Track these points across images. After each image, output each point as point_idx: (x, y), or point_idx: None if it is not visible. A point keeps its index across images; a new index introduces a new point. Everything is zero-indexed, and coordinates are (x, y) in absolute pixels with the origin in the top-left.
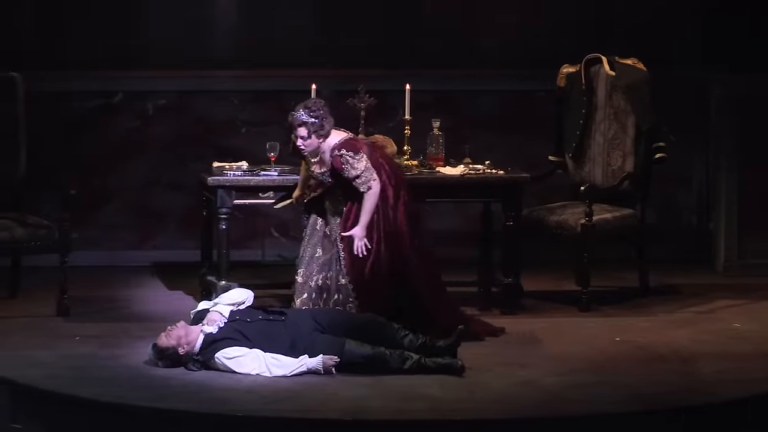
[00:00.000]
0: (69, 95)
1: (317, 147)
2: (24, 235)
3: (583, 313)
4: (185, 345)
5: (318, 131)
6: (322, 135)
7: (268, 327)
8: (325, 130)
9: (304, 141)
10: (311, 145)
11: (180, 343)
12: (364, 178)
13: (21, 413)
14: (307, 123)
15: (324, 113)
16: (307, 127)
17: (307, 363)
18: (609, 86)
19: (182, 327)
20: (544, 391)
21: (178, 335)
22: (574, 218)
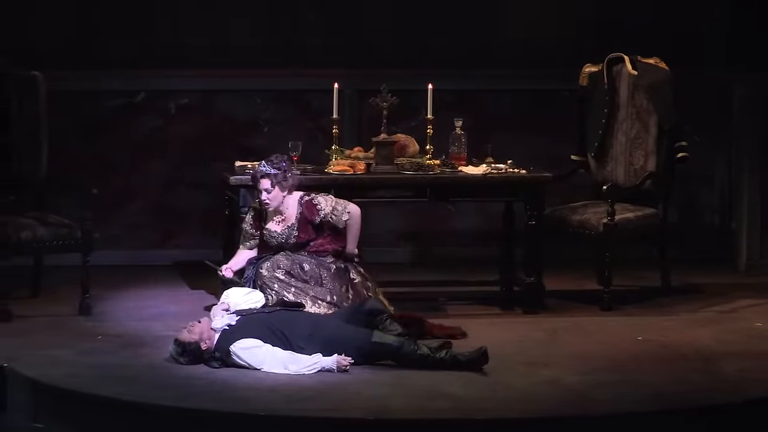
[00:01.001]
0: (91, 94)
1: (281, 201)
2: (46, 234)
3: (605, 312)
4: (207, 340)
5: (281, 182)
6: (285, 187)
7: (288, 314)
8: (288, 182)
9: (268, 194)
10: (275, 198)
11: (202, 338)
12: (340, 207)
13: (43, 413)
14: (269, 174)
15: (287, 166)
16: (270, 178)
17: (322, 362)
18: (631, 85)
19: (205, 323)
20: (566, 390)
21: (200, 330)
22: (596, 217)
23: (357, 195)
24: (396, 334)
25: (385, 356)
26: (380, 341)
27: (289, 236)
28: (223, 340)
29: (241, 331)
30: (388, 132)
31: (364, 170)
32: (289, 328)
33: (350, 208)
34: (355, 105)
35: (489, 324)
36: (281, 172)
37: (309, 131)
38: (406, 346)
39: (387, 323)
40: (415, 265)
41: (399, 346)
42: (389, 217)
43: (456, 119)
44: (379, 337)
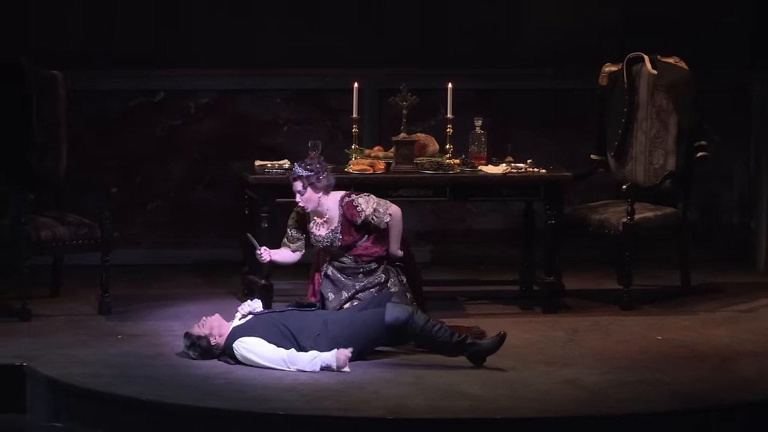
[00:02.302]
0: (111, 93)
1: (317, 203)
2: (66, 233)
3: (624, 311)
4: (217, 336)
5: (314, 183)
6: (319, 188)
7: (299, 314)
8: (322, 183)
9: (301, 196)
10: (310, 200)
11: (212, 333)
12: (382, 209)
13: (63, 412)
14: (301, 176)
15: (322, 167)
16: (302, 180)
17: (320, 357)
18: (651, 85)
19: (216, 318)
20: (585, 389)
21: (211, 325)
22: (616, 217)
23: (376, 194)
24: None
25: (401, 332)
26: (392, 320)
27: (334, 239)
28: (231, 336)
29: (248, 330)
30: (408, 131)
31: (383, 170)
32: (299, 327)
33: (392, 209)
34: (375, 104)
35: (508, 323)
36: (314, 174)
37: (329, 130)
38: (419, 316)
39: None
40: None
41: (410, 315)
42: (409, 217)
43: (476, 118)
44: (390, 313)
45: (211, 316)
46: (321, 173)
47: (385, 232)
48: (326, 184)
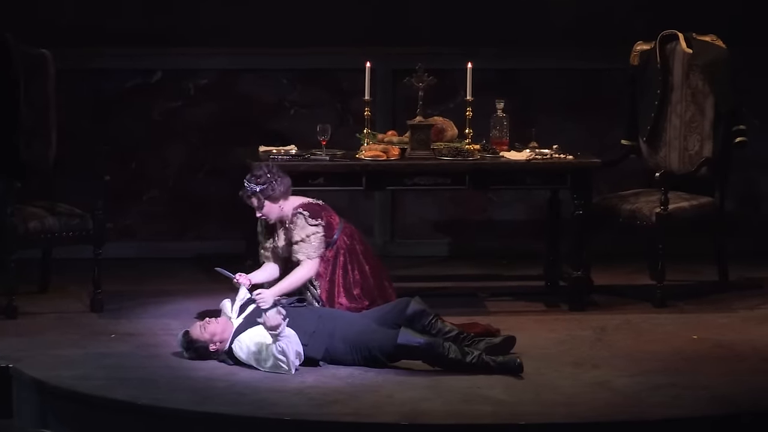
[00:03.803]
0: (104, 73)
1: (280, 212)
2: (55, 224)
3: (657, 309)
4: (218, 342)
5: (270, 195)
6: (276, 198)
7: (292, 310)
8: (278, 191)
9: (260, 211)
10: (271, 212)
11: (213, 339)
12: (308, 246)
13: (51, 417)
14: (255, 192)
15: (272, 176)
16: (257, 195)
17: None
18: (686, 65)
19: (221, 323)
20: (616, 393)
21: (213, 331)
22: (648, 207)
23: (390, 182)
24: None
25: (413, 357)
26: (406, 343)
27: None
28: (233, 337)
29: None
30: (424, 114)
31: (398, 156)
32: (294, 324)
33: (313, 261)
34: (388, 85)
35: (532, 322)
36: (267, 186)
37: (339, 114)
38: (436, 347)
39: (437, 323)
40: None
41: (427, 348)
42: (425, 207)
43: (497, 101)
44: (405, 339)
45: (217, 319)
46: (274, 182)
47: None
48: (283, 191)
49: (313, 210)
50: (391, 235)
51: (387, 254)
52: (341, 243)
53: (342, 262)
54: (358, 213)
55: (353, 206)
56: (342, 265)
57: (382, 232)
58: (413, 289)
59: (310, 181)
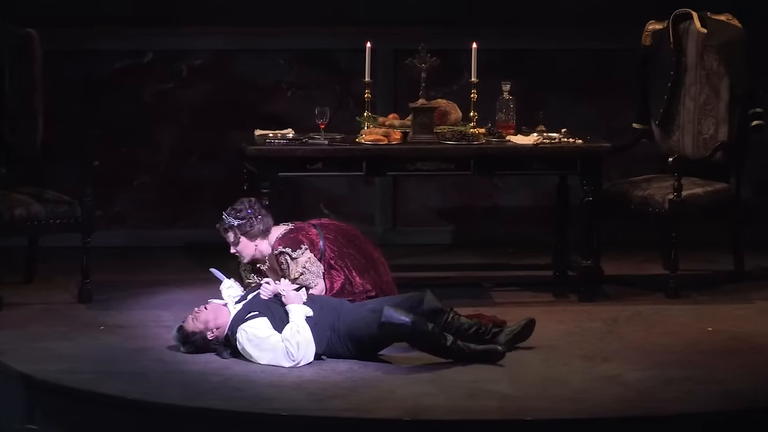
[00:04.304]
0: (93, 54)
1: (254, 251)
2: (42, 211)
3: (671, 300)
4: (214, 329)
5: (247, 232)
6: (254, 236)
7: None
8: (256, 229)
9: (235, 248)
10: (246, 250)
11: (208, 327)
12: (309, 275)
13: (38, 413)
14: (233, 227)
15: (253, 212)
16: (233, 230)
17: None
18: (700, 45)
19: (211, 309)
20: (627, 387)
21: (205, 319)
22: (660, 193)
23: (392, 168)
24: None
25: (398, 337)
26: (389, 320)
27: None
28: (233, 325)
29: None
30: (427, 97)
31: (399, 140)
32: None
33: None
34: (390, 66)
35: (540, 313)
36: (246, 221)
37: (338, 96)
38: (421, 325)
39: (455, 321)
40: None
41: (412, 327)
42: (428, 193)
43: (503, 83)
44: (389, 315)
45: (205, 307)
46: (254, 219)
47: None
48: (262, 229)
49: (292, 241)
50: (393, 222)
51: (388, 242)
52: (329, 254)
53: (336, 275)
54: (358, 200)
55: (353, 192)
56: (337, 277)
57: (383, 219)
58: (415, 279)
59: (308, 166)
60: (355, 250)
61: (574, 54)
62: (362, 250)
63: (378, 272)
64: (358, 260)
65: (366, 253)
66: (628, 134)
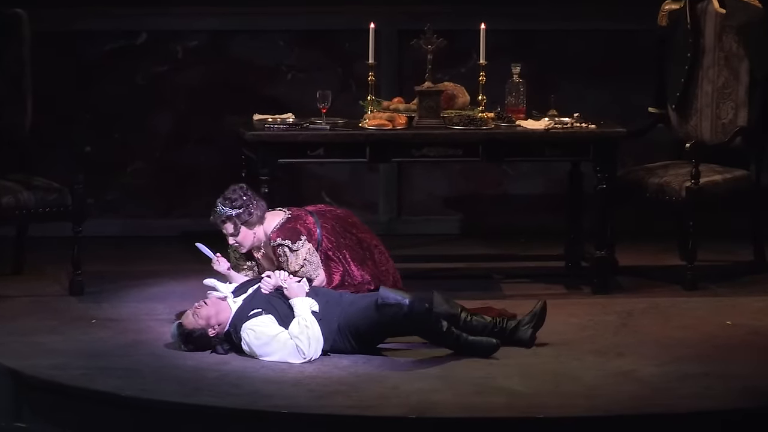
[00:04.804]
0: (84, 35)
1: (254, 239)
2: (30, 199)
3: (688, 292)
4: (216, 326)
5: (247, 221)
6: (252, 224)
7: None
8: (255, 216)
9: (235, 238)
10: (246, 240)
11: (210, 323)
12: (309, 267)
13: (27, 410)
14: (231, 217)
15: (248, 198)
16: (232, 221)
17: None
18: (718, 26)
19: (212, 304)
20: (642, 383)
21: (207, 314)
22: (677, 180)
23: (396, 154)
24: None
25: (396, 322)
26: (385, 301)
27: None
28: (237, 321)
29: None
30: (434, 80)
31: (404, 125)
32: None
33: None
34: (394, 48)
35: (552, 306)
36: (243, 210)
37: (340, 79)
38: (420, 305)
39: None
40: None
41: (409, 307)
42: (434, 180)
43: (513, 65)
44: (385, 297)
45: (206, 302)
46: (251, 206)
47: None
48: (260, 215)
49: (291, 233)
50: (397, 211)
51: (392, 232)
52: (326, 245)
53: (335, 267)
54: (362, 187)
55: (356, 180)
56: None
57: (388, 208)
58: (421, 270)
59: (309, 152)
60: (353, 239)
61: (587, 35)
62: (360, 240)
63: (375, 261)
64: (356, 251)
65: (364, 242)
66: (643, 119)
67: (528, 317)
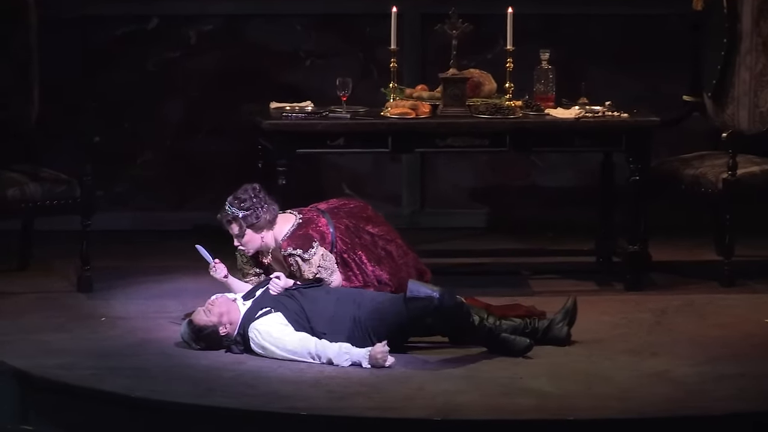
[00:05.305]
0: (93, 20)
1: (260, 243)
2: (37, 191)
3: (725, 288)
4: (227, 324)
5: (254, 224)
6: (260, 227)
7: (306, 291)
8: (263, 220)
9: (239, 240)
10: (251, 243)
11: (222, 321)
12: (324, 271)
13: (33, 412)
14: (237, 218)
15: (259, 201)
16: (238, 222)
17: (350, 353)
18: (756, 10)
19: (224, 302)
20: (677, 384)
21: (219, 312)
22: (714, 172)
23: (420, 144)
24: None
25: (425, 317)
26: (414, 295)
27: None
28: (245, 322)
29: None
30: (459, 66)
31: (428, 113)
32: (310, 308)
33: (337, 278)
34: (417, 33)
35: (583, 303)
36: (251, 212)
37: (361, 65)
38: (448, 298)
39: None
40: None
41: (440, 299)
42: (459, 172)
43: (542, 51)
44: (414, 290)
45: (218, 298)
46: (260, 209)
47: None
48: (269, 219)
49: (302, 240)
50: (421, 203)
51: (415, 226)
52: (340, 246)
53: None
54: (384, 179)
55: (377, 171)
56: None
57: (410, 200)
58: (445, 265)
59: (329, 142)
60: (368, 237)
61: (619, 19)
62: (375, 236)
63: (393, 257)
64: (371, 251)
65: (380, 237)
66: (678, 107)
67: (560, 315)
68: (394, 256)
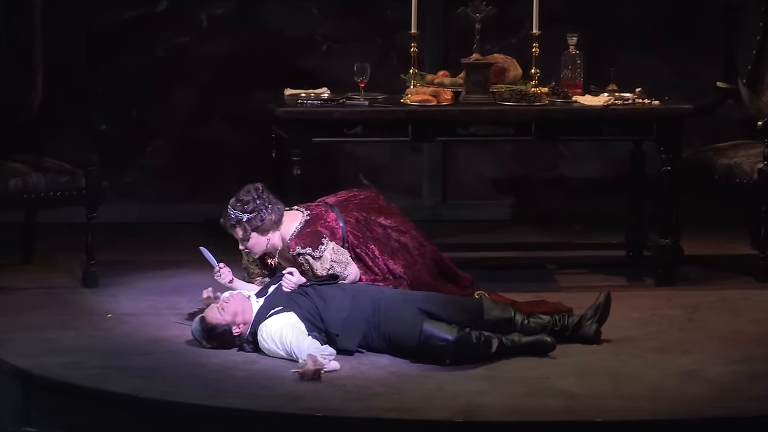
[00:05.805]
0: (99, 2)
1: (267, 245)
2: (41, 182)
3: (760, 284)
4: (241, 324)
5: (259, 227)
6: (265, 230)
7: (322, 289)
8: (267, 222)
9: (245, 244)
10: (257, 246)
11: (236, 320)
12: (338, 266)
13: (36, 413)
14: (241, 221)
15: (262, 202)
16: (242, 225)
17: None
18: None
19: (239, 301)
20: (710, 384)
21: (233, 310)
22: (749, 162)
23: (441, 132)
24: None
25: (439, 354)
26: (429, 339)
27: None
28: (256, 321)
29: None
30: (482, 51)
31: (450, 100)
32: (324, 307)
33: (347, 274)
34: (439, 16)
35: (612, 299)
36: (255, 214)
37: (380, 50)
38: (462, 342)
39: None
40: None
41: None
42: (483, 162)
43: (569, 35)
44: (429, 334)
45: (233, 296)
46: (264, 210)
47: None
48: (274, 220)
49: (311, 238)
50: (442, 195)
51: (437, 218)
52: (351, 241)
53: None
54: (403, 169)
55: (397, 161)
56: (367, 267)
57: (432, 191)
58: (468, 259)
59: (346, 130)
60: (380, 229)
61: (650, 2)
62: (387, 228)
63: (408, 248)
64: (384, 244)
65: (393, 229)
66: (711, 94)
67: (591, 311)
68: (409, 248)
